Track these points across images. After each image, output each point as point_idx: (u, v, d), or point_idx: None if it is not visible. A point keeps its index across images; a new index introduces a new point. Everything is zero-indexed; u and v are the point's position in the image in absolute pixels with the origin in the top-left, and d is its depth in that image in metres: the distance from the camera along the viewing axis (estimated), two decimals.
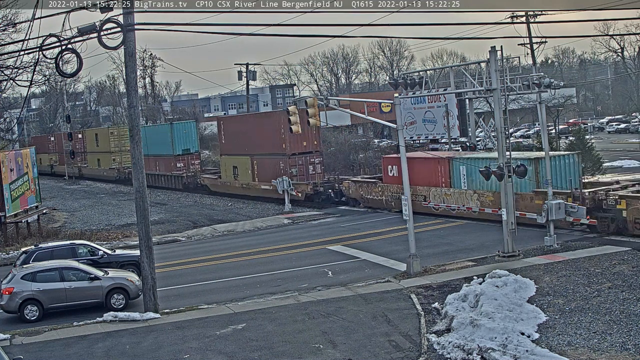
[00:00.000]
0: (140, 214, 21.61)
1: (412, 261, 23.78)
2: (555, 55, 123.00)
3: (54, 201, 58.07)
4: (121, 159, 70.94)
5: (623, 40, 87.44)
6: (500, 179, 24.78)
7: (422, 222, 32.64)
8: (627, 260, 22.35)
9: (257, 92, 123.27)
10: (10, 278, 22.16)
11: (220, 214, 45.13)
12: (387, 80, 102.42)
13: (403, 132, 25.27)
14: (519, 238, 25.38)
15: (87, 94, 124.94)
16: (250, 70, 69.36)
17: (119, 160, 71.59)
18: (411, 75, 29.20)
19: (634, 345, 15.23)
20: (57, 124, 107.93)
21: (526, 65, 60.36)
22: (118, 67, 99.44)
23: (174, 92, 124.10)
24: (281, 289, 23.41)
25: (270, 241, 33.18)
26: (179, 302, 22.78)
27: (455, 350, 15.99)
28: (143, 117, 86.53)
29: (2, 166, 36.43)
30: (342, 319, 19.24)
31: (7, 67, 37.13)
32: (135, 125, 21.63)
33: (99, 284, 22.37)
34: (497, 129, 24.99)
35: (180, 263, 29.69)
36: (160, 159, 62.04)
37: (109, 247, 29.94)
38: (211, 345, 17.95)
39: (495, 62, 24.41)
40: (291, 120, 26.43)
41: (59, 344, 19.00)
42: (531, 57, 55.11)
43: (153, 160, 61.93)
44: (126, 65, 21.41)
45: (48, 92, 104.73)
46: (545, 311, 18.04)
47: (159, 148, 61.32)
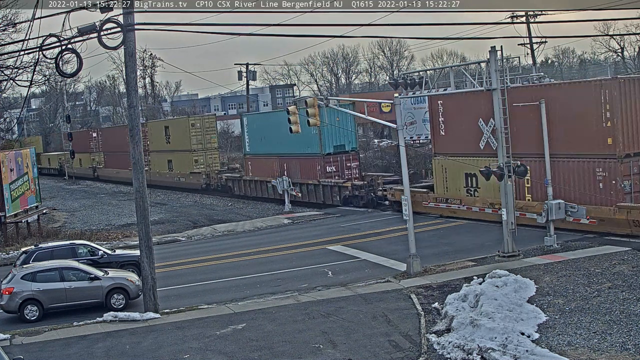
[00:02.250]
0: (140, 214, 21.61)
1: (412, 261, 23.77)
2: (555, 55, 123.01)
3: (54, 201, 58.12)
4: (207, 159, 56.64)
5: (623, 40, 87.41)
6: (500, 179, 24.78)
7: (422, 222, 32.64)
8: (627, 260, 22.34)
9: (257, 92, 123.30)
10: (10, 278, 22.16)
11: (220, 214, 45.15)
12: (387, 80, 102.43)
13: (403, 132, 25.28)
14: (519, 238, 25.38)
15: (87, 94, 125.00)
16: (250, 70, 69.42)
17: (206, 161, 56.79)
18: (411, 75, 29.15)
19: (634, 345, 15.22)
20: (57, 123, 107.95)
21: (526, 65, 60.46)
22: (118, 67, 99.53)
23: (174, 92, 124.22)
24: (281, 289, 23.41)
25: (270, 241, 33.18)
26: (179, 302, 22.78)
27: (455, 350, 15.99)
28: (143, 117, 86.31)
29: (2, 166, 36.43)
30: (342, 319, 19.23)
31: (7, 67, 37.19)
32: (135, 125, 21.64)
33: (99, 284, 22.37)
34: (497, 129, 24.98)
35: (180, 263, 29.70)
36: (295, 159, 45.73)
37: (109, 247, 29.95)
38: (211, 345, 17.95)
39: (495, 62, 24.39)
40: (291, 120, 26.44)
41: (59, 344, 18.99)
42: (531, 57, 55.23)
43: (277, 162, 47.30)
44: (126, 65, 21.41)
45: (48, 92, 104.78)
46: (545, 311, 18.03)
47: (289, 144, 44.49)
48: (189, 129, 57.17)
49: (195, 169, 56.31)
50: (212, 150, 56.63)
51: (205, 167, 55.58)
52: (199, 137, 57.07)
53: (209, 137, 56.84)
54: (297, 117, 26.55)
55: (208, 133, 57.35)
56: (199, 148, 56.81)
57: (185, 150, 57.54)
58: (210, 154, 56.75)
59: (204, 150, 56.97)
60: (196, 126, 57.72)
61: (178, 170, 59.17)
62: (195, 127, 57.59)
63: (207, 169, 55.38)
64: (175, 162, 59.86)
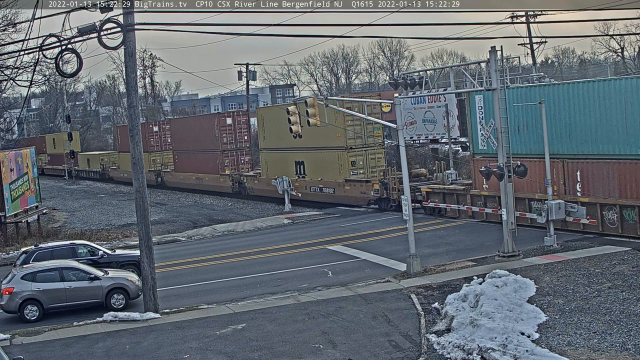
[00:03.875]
0: (140, 214, 21.61)
1: (412, 261, 23.77)
2: (555, 55, 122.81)
3: (54, 201, 58.12)
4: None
5: (623, 40, 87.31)
6: (500, 179, 24.78)
7: (422, 222, 32.64)
8: (627, 260, 22.34)
9: (257, 92, 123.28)
10: (10, 278, 22.16)
11: (220, 214, 45.14)
12: (387, 80, 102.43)
13: (403, 132, 25.28)
14: (519, 238, 25.38)
15: (87, 94, 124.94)
16: (250, 70, 69.44)
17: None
18: (411, 75, 29.21)
19: (634, 345, 15.22)
20: (57, 124, 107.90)
21: (526, 65, 60.38)
22: (118, 67, 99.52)
23: (174, 92, 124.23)
24: (281, 289, 23.41)
25: (270, 241, 33.17)
26: (179, 302, 22.78)
27: (455, 350, 15.99)
28: (143, 117, 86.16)
29: (2, 166, 36.44)
30: (342, 319, 19.23)
31: (7, 67, 37.21)
32: (135, 125, 21.64)
33: (99, 284, 22.37)
34: (497, 129, 24.98)
35: (180, 263, 29.70)
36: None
37: (109, 247, 29.96)
38: (211, 345, 17.95)
39: (495, 62, 24.40)
40: (291, 120, 26.46)
41: (59, 344, 18.99)
42: (531, 57, 55.22)
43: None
44: (126, 65, 21.41)
45: (48, 92, 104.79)
46: (545, 311, 18.03)
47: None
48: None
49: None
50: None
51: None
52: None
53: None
54: (297, 117, 26.57)
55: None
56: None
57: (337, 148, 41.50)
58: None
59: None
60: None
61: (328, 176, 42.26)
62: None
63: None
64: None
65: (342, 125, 39.09)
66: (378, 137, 42.11)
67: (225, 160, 53.70)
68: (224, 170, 53.69)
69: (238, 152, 54.14)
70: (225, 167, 53.75)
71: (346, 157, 40.77)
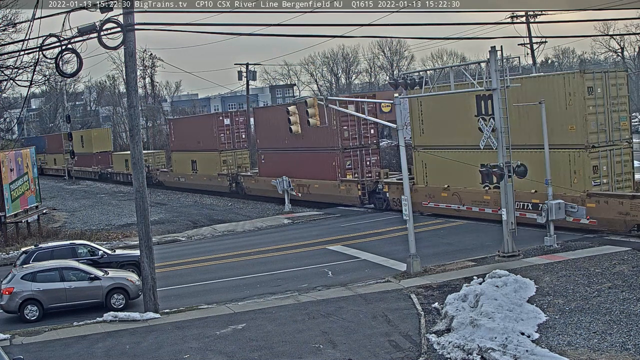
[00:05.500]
0: (140, 214, 21.61)
1: (412, 261, 23.77)
2: (555, 55, 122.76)
3: (54, 201, 58.10)
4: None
5: (623, 40, 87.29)
6: (500, 179, 24.77)
7: (422, 222, 32.64)
8: (627, 260, 22.34)
9: (257, 92, 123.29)
10: (10, 278, 22.16)
11: (220, 214, 45.13)
12: (387, 80, 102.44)
13: (403, 132, 25.27)
14: (519, 238, 25.38)
15: (87, 94, 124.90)
16: (250, 70, 69.38)
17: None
18: (411, 75, 29.23)
19: (634, 345, 15.22)
20: (57, 124, 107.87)
21: (526, 65, 60.40)
22: (118, 67, 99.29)
23: (174, 92, 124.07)
24: (281, 289, 23.41)
25: (270, 241, 33.18)
26: (179, 302, 22.78)
27: (455, 350, 15.99)
28: (143, 117, 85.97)
29: (2, 166, 36.45)
30: (342, 319, 19.23)
31: (7, 67, 37.20)
32: (135, 125, 21.64)
33: (99, 284, 22.37)
34: (497, 129, 24.97)
35: (180, 263, 29.70)
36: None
37: (109, 247, 29.96)
38: (211, 345, 17.95)
39: (495, 62, 24.39)
40: (291, 120, 26.45)
41: (59, 344, 18.99)
42: (531, 57, 55.16)
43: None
44: (126, 65, 21.41)
45: (48, 92, 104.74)
46: (545, 311, 18.03)
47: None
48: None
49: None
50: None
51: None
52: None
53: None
54: (297, 117, 26.57)
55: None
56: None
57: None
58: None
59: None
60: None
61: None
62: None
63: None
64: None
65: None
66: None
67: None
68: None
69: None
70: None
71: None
